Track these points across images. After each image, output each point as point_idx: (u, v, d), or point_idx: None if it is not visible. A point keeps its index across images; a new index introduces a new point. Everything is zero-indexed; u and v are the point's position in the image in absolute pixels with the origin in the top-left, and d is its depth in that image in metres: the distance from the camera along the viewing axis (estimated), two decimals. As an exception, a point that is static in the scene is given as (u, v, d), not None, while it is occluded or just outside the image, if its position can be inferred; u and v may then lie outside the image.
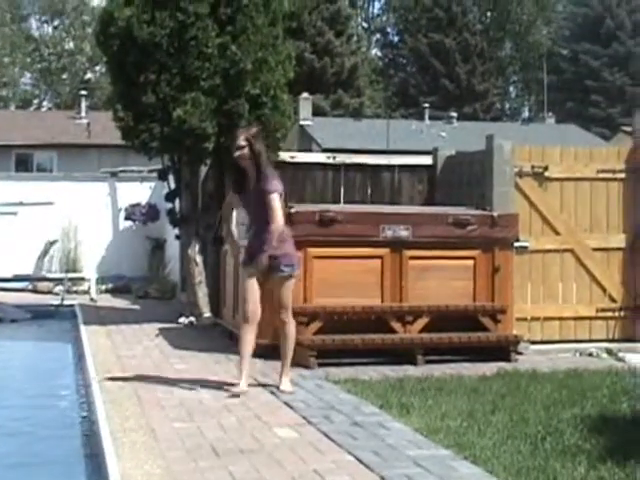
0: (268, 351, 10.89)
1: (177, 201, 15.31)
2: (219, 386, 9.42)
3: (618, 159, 13.40)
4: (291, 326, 9.57)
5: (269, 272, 9.28)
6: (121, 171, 23.34)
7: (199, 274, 14.46)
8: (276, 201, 9.18)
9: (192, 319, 14.35)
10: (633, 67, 37.04)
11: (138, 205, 21.51)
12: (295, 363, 10.46)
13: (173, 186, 15.31)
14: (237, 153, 9.37)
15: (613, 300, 13.21)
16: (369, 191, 14.01)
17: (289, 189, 7.06)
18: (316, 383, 9.61)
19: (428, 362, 11.03)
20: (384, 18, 76.67)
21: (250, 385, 9.54)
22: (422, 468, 6.45)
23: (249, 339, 9.35)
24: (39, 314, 16.54)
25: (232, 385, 9.17)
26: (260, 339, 11.30)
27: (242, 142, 9.32)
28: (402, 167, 14.38)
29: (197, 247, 14.55)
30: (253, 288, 9.35)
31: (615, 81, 59.04)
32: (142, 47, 13.42)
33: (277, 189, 9.23)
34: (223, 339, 12.77)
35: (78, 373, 10.87)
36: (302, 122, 42.60)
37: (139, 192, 21.66)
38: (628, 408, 8.77)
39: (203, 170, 14.86)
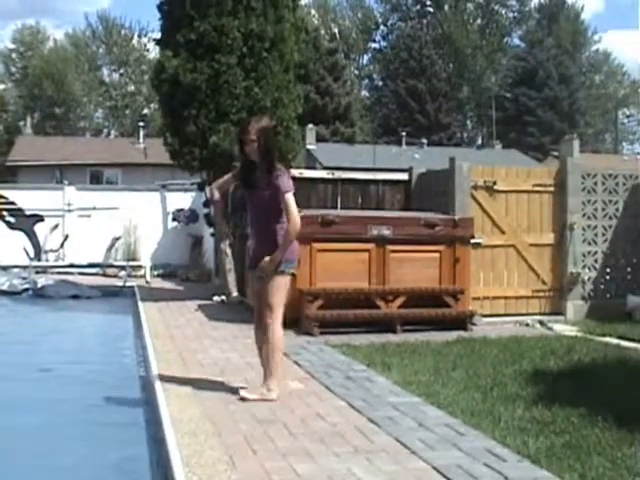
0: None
1: (212, 207, 15.30)
2: (244, 347, 9.40)
3: (549, 176, 13.39)
4: (276, 332, 6.95)
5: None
6: (170, 184, 23.31)
7: (229, 263, 14.31)
8: (292, 200, 6.85)
9: (223, 298, 14.32)
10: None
11: (182, 210, 21.53)
12: (303, 332, 10.49)
13: (209, 195, 15.30)
14: (247, 148, 6.89)
15: (544, 283, 13.21)
16: (359, 200, 13.95)
17: (298, 198, 6.73)
18: (318, 347, 9.58)
19: (405, 331, 11.01)
20: (371, 67, 76.72)
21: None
22: (399, 412, 6.44)
23: (258, 344, 7.15)
24: (107, 293, 16.57)
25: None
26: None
27: (253, 136, 6.81)
28: (385, 181, 14.34)
29: (227, 242, 14.51)
30: (254, 291, 7.40)
31: (546, 117, 59.02)
32: (186, 89, 13.44)
33: (292, 188, 6.93)
34: (246, 313, 12.71)
35: (137, 338, 10.86)
36: (308, 146, 42.52)
37: (183, 200, 21.67)
38: (555, 365, 8.76)
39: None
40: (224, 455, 5.19)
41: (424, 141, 47.89)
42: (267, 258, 6.86)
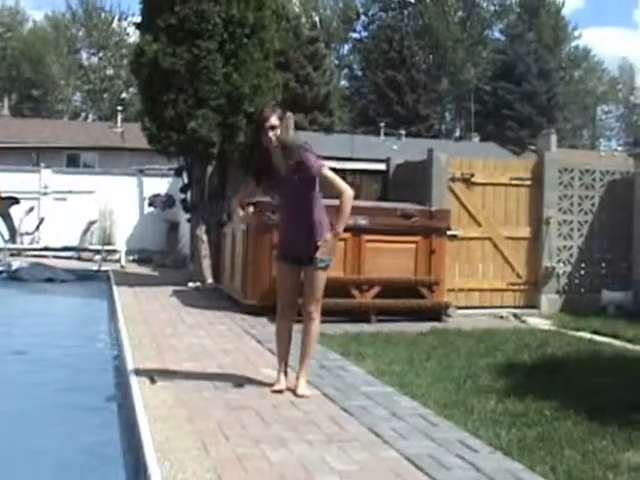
0: (256, 309, 10.89)
1: (189, 193, 15.28)
2: (218, 334, 9.39)
3: (526, 170, 13.45)
4: (317, 322, 6.90)
5: (305, 263, 6.68)
6: (147, 169, 23.25)
7: (204, 249, 14.42)
8: (329, 172, 6.61)
9: (198, 284, 14.30)
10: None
11: (159, 195, 21.52)
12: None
13: (186, 181, 15.29)
14: (270, 134, 6.37)
15: (519, 277, 13.28)
16: (337, 189, 13.96)
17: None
18: (293, 335, 9.56)
19: (379, 321, 11.04)
20: (351, 57, 76.55)
21: (241, 333, 9.52)
22: (373, 401, 6.44)
23: (280, 337, 7.09)
24: (82, 277, 16.56)
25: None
26: (250, 300, 11.33)
27: (275, 121, 6.39)
28: (362, 171, 14.34)
29: (203, 228, 14.52)
30: (287, 283, 6.92)
31: (524, 111, 59.10)
32: (165, 74, 13.40)
33: (321, 163, 6.59)
34: (222, 300, 12.73)
35: (111, 322, 10.83)
36: (286, 135, 42.30)
37: (160, 185, 21.67)
38: (528, 358, 8.80)
39: (209, 169, 14.82)
40: (197, 441, 5.18)
41: (402, 132, 47.76)
42: (328, 235, 6.55)
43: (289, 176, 6.48)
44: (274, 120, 6.41)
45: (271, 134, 6.39)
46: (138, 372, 6.99)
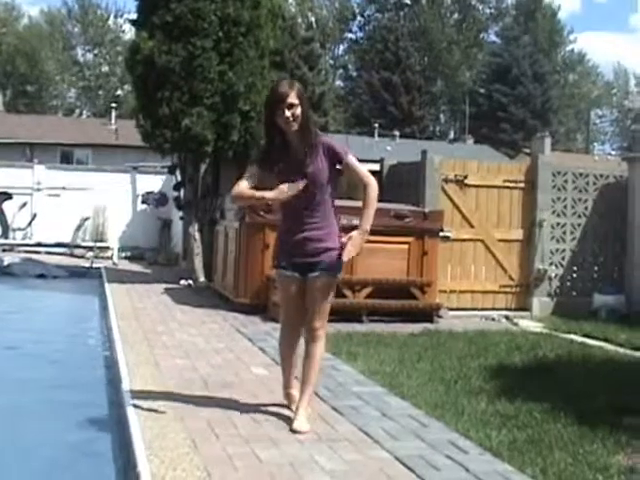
0: (248, 308, 10.89)
1: (182, 190, 15.26)
2: (210, 332, 9.38)
3: (519, 173, 13.46)
4: (323, 343, 5.81)
5: (309, 269, 5.57)
6: (140, 166, 23.25)
7: (197, 247, 14.41)
8: (356, 161, 5.58)
9: (190, 282, 14.29)
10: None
11: (152, 192, 21.52)
12: (270, 318, 10.45)
13: (179, 179, 15.27)
14: (287, 113, 5.33)
15: (512, 279, 13.29)
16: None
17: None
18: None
19: (371, 321, 11.05)
20: (346, 57, 76.55)
21: (233, 332, 9.51)
22: (363, 401, 6.44)
23: (285, 354, 5.95)
24: (74, 273, 16.56)
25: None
26: (242, 298, 11.32)
27: (294, 100, 5.34)
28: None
29: (196, 226, 14.51)
30: (291, 295, 5.71)
31: (518, 114, 59.20)
32: (160, 71, 13.37)
33: (347, 149, 5.61)
34: (213, 298, 12.72)
35: (103, 319, 10.81)
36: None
37: (153, 182, 21.67)
38: (519, 360, 8.80)
39: (203, 167, 14.80)
40: (187, 439, 5.17)
41: (396, 133, 47.82)
42: (355, 233, 5.53)
43: (306, 165, 5.44)
44: (293, 98, 5.37)
45: (288, 114, 5.34)
46: (129, 369, 6.97)
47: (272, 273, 10.71)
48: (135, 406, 5.78)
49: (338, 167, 5.58)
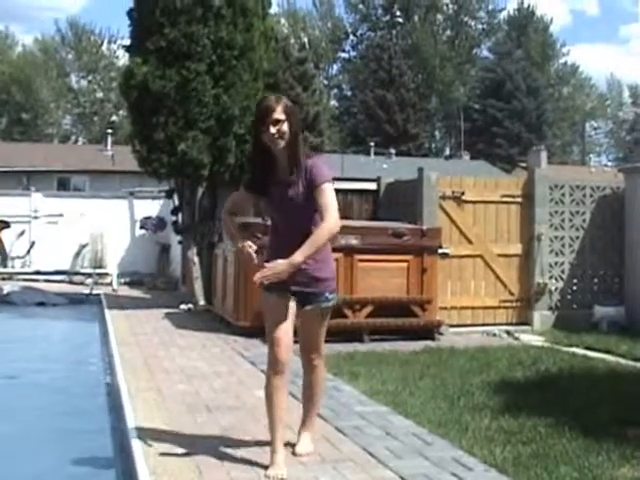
0: (249, 331, 10.88)
1: (180, 215, 15.26)
2: (211, 356, 9.37)
3: (516, 187, 13.47)
4: (322, 367, 5.57)
5: (303, 301, 5.21)
6: (137, 191, 23.23)
7: (196, 271, 14.41)
8: (330, 191, 5.03)
9: (190, 306, 14.28)
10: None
11: (150, 217, 21.47)
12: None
13: (177, 203, 15.26)
14: (272, 130, 4.98)
15: (512, 294, 13.28)
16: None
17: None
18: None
19: (372, 340, 11.04)
20: (340, 77, 76.80)
21: (234, 355, 9.49)
22: (367, 421, 6.43)
23: (278, 400, 5.18)
24: (74, 300, 16.52)
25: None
26: (242, 321, 11.31)
27: (280, 115, 4.98)
28: (353, 191, 14.36)
29: (195, 250, 14.52)
30: (282, 323, 5.13)
31: (514, 129, 59.36)
32: (154, 96, 13.40)
33: (330, 177, 5.09)
34: (214, 322, 12.70)
35: (103, 345, 10.80)
36: (277, 156, 42.29)
37: (151, 208, 21.62)
38: (522, 375, 8.80)
39: (200, 191, 14.80)
40: (191, 463, 5.16)
41: (392, 151, 47.91)
42: (281, 261, 4.90)
43: (293, 185, 5.11)
44: (279, 113, 5.02)
45: (274, 130, 4.99)
46: (131, 396, 6.96)
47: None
48: (138, 436, 5.76)
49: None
